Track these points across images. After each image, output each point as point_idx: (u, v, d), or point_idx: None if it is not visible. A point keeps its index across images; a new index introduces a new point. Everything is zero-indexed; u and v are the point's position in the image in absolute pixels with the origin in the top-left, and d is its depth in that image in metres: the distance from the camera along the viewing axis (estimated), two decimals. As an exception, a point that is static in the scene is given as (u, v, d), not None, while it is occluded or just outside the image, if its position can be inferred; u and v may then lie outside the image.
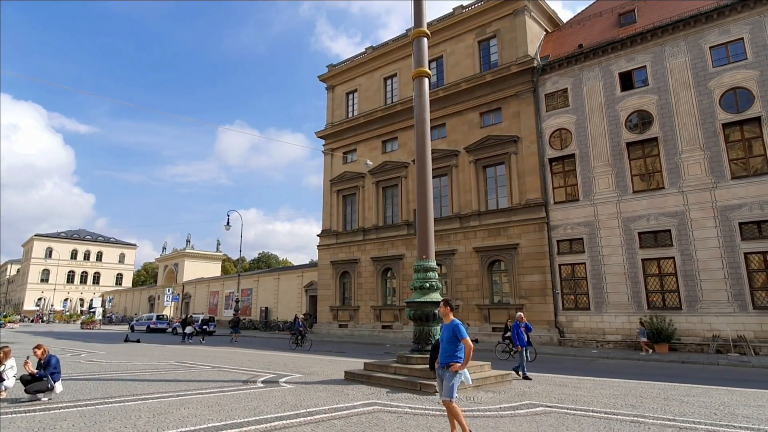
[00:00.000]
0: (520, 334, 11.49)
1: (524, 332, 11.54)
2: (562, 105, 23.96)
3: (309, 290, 39.35)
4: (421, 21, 12.41)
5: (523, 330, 11.55)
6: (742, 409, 7.41)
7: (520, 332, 11.50)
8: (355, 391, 8.93)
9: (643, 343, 18.54)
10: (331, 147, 34.53)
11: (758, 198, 18.15)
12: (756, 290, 17.88)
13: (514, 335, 11.70)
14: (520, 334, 11.47)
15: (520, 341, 11.38)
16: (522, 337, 11.43)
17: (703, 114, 19.83)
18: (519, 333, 11.51)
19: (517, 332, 11.56)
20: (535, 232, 23.45)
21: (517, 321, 11.83)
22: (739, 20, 19.65)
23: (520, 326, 11.60)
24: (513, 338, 11.78)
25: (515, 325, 11.74)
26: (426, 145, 11.62)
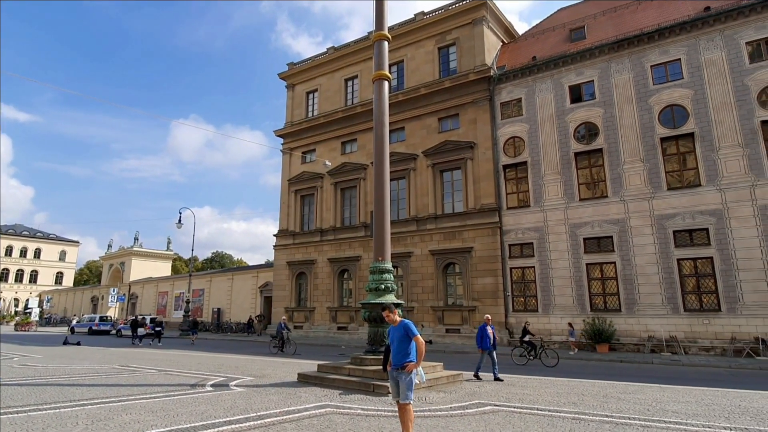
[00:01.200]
0: (485, 336, 11.44)
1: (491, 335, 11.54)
2: (516, 114, 24.86)
3: (264, 291, 38.61)
4: (382, 24, 12.52)
5: (489, 332, 11.53)
6: (672, 405, 7.94)
7: (485, 334, 11.46)
8: (307, 394, 8.88)
9: (572, 343, 19.88)
10: (290, 146, 34.10)
11: (690, 208, 19.58)
12: (687, 294, 19.28)
13: (478, 337, 11.64)
14: (485, 337, 11.43)
15: (484, 344, 11.37)
16: (486, 340, 11.42)
17: (644, 128, 21.18)
18: (484, 335, 11.46)
19: (482, 334, 11.51)
20: (488, 236, 24.17)
21: (484, 323, 11.80)
22: (677, 42, 21.15)
23: (487, 329, 11.55)
24: (477, 340, 11.72)
25: (482, 327, 11.67)
26: (384, 148, 11.74)
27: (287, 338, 20.05)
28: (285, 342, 19.89)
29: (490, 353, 11.42)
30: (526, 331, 16.15)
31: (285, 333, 20.00)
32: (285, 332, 20.04)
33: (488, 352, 11.40)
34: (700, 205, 19.41)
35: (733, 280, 18.34)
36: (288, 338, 20.10)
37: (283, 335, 19.94)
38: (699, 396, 8.93)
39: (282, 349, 19.69)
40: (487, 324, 11.70)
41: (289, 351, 19.40)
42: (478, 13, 27.08)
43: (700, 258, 19.21)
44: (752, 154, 18.85)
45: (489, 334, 11.45)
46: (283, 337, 19.92)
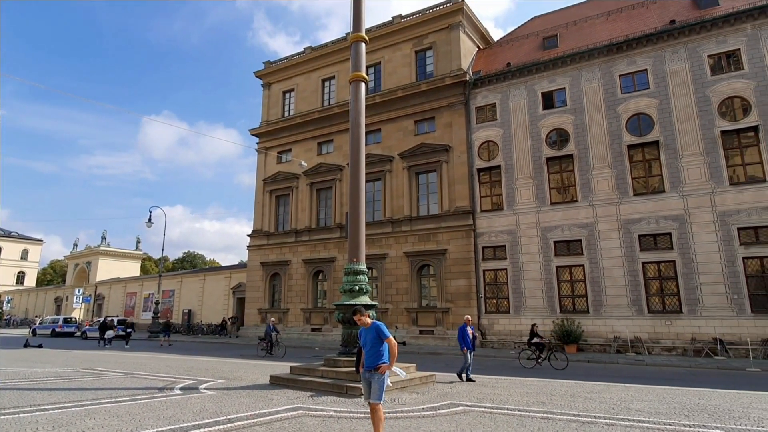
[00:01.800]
0: (465, 336, 11.43)
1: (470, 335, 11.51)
2: (490, 118, 25.29)
3: (237, 292, 38.00)
4: (359, 26, 12.56)
5: (469, 333, 11.52)
6: (635, 404, 8.21)
7: (466, 335, 11.45)
8: (279, 396, 8.81)
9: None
10: (266, 146, 33.72)
11: (655, 213, 20.34)
12: (651, 296, 20.01)
13: (459, 338, 11.62)
14: (466, 337, 11.43)
15: (466, 344, 11.38)
16: (467, 340, 11.42)
17: (612, 135, 21.89)
18: (465, 336, 11.45)
19: (462, 335, 11.50)
20: (462, 239, 24.48)
21: (464, 323, 11.79)
22: (644, 53, 21.95)
23: (467, 329, 11.53)
24: (459, 340, 11.73)
25: (462, 328, 11.66)
26: (360, 149, 11.77)
27: (276, 340, 19.37)
28: (274, 344, 19.22)
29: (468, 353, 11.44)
30: (534, 333, 15.77)
31: (274, 335, 19.37)
32: (274, 334, 19.41)
33: (470, 352, 11.42)
34: (663, 211, 20.19)
35: (694, 282, 19.15)
36: (277, 340, 19.44)
37: (272, 337, 19.27)
38: (661, 394, 9.27)
39: (270, 352, 19.01)
40: (467, 324, 11.72)
41: (279, 354, 18.69)
42: (455, 19, 27.44)
43: (663, 261, 19.97)
44: (712, 163, 19.73)
45: (469, 334, 11.47)
46: (272, 340, 19.24)
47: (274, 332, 19.41)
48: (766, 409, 7.80)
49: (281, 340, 20.24)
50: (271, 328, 19.53)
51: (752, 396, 9.25)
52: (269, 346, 19.18)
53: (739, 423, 6.74)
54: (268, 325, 19.87)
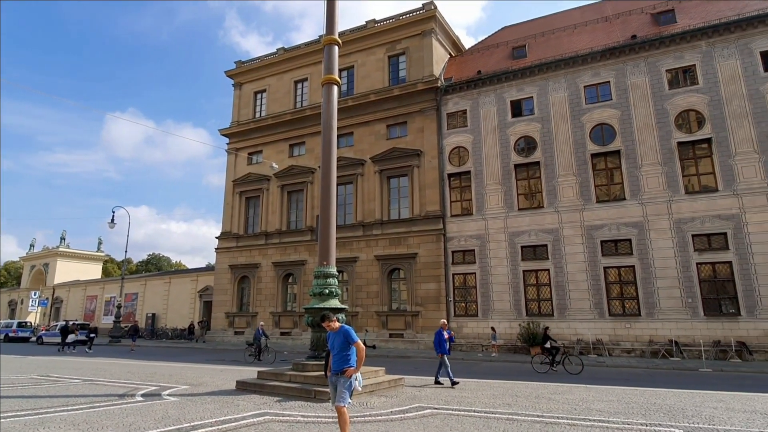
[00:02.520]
0: (442, 341, 11.33)
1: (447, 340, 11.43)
2: (461, 125, 25.74)
3: (204, 295, 37.16)
4: (332, 29, 12.59)
5: (446, 338, 11.43)
6: (596, 404, 8.47)
7: (442, 339, 11.35)
8: (246, 402, 8.66)
9: (493, 346, 21.10)
10: (236, 146, 33.17)
11: (616, 220, 21.16)
12: (612, 300, 20.77)
13: (435, 342, 11.50)
14: (442, 342, 11.32)
15: (442, 349, 11.27)
16: (444, 345, 11.32)
17: (577, 144, 22.65)
18: (441, 340, 11.35)
19: (439, 339, 11.40)
20: (432, 243, 24.75)
21: (440, 328, 11.69)
22: (607, 65, 22.85)
23: (443, 333, 11.45)
24: (435, 345, 11.56)
25: (438, 332, 11.54)
26: (332, 152, 11.77)
27: (266, 345, 18.64)
28: (263, 350, 18.47)
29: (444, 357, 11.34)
30: (547, 337, 15.35)
31: (263, 340, 18.64)
32: (263, 339, 18.69)
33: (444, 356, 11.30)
34: (624, 218, 21.03)
35: (652, 287, 20.00)
36: (267, 345, 18.72)
37: (260, 342, 18.51)
38: (620, 395, 9.60)
39: (259, 357, 18.25)
40: (443, 329, 11.64)
41: (269, 360, 17.87)
42: (428, 26, 27.82)
43: (623, 266, 20.78)
44: (669, 172, 20.70)
45: (445, 339, 11.41)
46: (260, 345, 18.47)
47: (263, 337, 18.74)
48: (717, 407, 8.20)
49: (271, 344, 19.61)
50: (261, 333, 18.87)
51: (704, 395, 9.71)
52: (258, 351, 18.47)
53: (692, 421, 7.06)
54: (257, 329, 19.23)
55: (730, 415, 7.55)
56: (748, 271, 18.67)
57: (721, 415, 7.54)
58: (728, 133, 20.07)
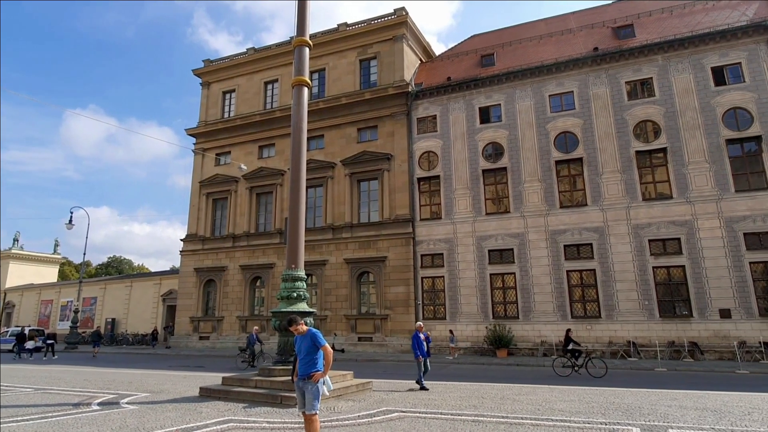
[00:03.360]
0: (420, 344, 11.18)
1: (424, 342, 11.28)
2: (431, 130, 26.06)
3: (167, 299, 36.02)
4: (303, 30, 12.54)
5: (423, 340, 11.28)
6: (559, 404, 8.70)
7: (420, 342, 11.20)
8: (209, 409, 8.46)
9: (452, 348, 21.39)
10: (203, 147, 32.43)
11: (578, 225, 21.89)
12: (574, 302, 21.44)
13: (414, 345, 11.32)
14: (420, 344, 11.17)
15: (420, 352, 11.13)
16: (422, 348, 11.18)
17: (542, 151, 23.33)
18: (419, 343, 11.20)
19: (417, 342, 11.23)
20: (402, 246, 24.91)
21: (417, 331, 11.53)
22: (571, 76, 23.67)
23: (420, 336, 11.30)
24: (413, 348, 11.39)
25: (415, 335, 11.38)
26: (301, 154, 11.69)
27: (261, 351, 17.84)
28: (257, 356, 17.66)
29: (425, 361, 11.25)
30: (569, 339, 15.03)
31: (259, 346, 17.83)
32: (258, 345, 17.88)
33: (424, 359, 11.20)
34: (586, 223, 21.78)
35: (611, 290, 20.78)
36: (261, 351, 17.87)
37: (254, 349, 17.68)
38: (581, 395, 9.90)
39: (253, 364, 17.35)
40: (419, 331, 11.49)
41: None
42: (399, 31, 28.08)
43: (585, 270, 21.51)
44: (628, 180, 21.60)
45: (423, 341, 11.28)
46: (254, 351, 17.65)
47: (257, 342, 17.94)
48: (671, 405, 8.59)
49: (266, 350, 18.74)
50: (255, 338, 17.99)
51: (659, 394, 10.14)
52: (252, 357, 17.60)
53: (648, 419, 7.36)
54: (251, 335, 18.21)
55: (683, 412, 7.92)
56: (700, 274, 19.68)
57: (674, 413, 7.90)
58: (682, 143, 21.14)
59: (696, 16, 23.49)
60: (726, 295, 19.15)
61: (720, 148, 20.53)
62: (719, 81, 21.29)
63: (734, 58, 21.21)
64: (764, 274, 19.08)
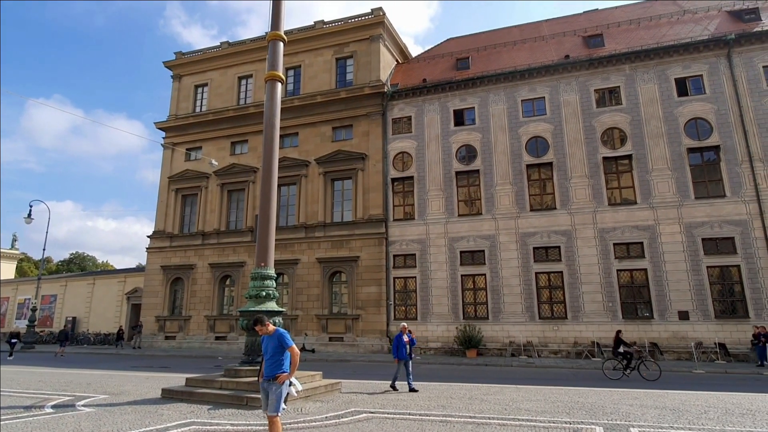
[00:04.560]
0: (400, 345, 10.94)
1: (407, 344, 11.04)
2: (406, 131, 26.16)
3: (132, 298, 34.89)
4: (278, 25, 12.41)
5: (406, 342, 11.04)
6: (525, 404, 8.87)
7: (402, 344, 10.95)
8: (171, 411, 8.20)
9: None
10: (173, 141, 31.58)
11: (547, 228, 22.38)
12: (542, 303, 21.90)
13: (394, 347, 11.10)
14: (401, 346, 10.93)
15: (400, 353, 10.89)
16: (402, 349, 10.93)
17: (513, 155, 23.75)
18: (400, 344, 10.95)
19: (398, 344, 10.98)
20: (374, 246, 24.88)
21: (400, 332, 11.22)
22: (542, 82, 24.18)
23: (403, 337, 11.04)
24: (393, 349, 11.16)
25: (398, 336, 11.12)
26: (273, 150, 11.51)
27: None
28: None
29: (406, 363, 10.96)
30: (620, 341, 14.46)
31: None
32: None
33: (404, 362, 10.95)
34: (554, 226, 22.29)
35: (577, 291, 21.33)
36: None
37: None
38: (547, 394, 10.11)
39: None
40: (402, 333, 11.18)
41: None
42: (376, 31, 28.06)
43: (552, 272, 22.00)
44: (595, 185, 22.23)
45: (405, 343, 11.00)
46: None
47: None
48: (632, 404, 8.87)
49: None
50: None
51: (621, 393, 10.47)
52: None
53: (610, 418, 7.58)
54: None
55: (644, 411, 8.19)
56: (661, 277, 20.42)
57: (636, 411, 8.16)
58: (646, 150, 21.90)
59: (662, 29, 24.38)
60: (684, 298, 19.94)
61: (681, 157, 21.37)
62: (682, 92, 22.16)
63: (696, 70, 22.12)
64: (720, 278, 19.97)
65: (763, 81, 21.11)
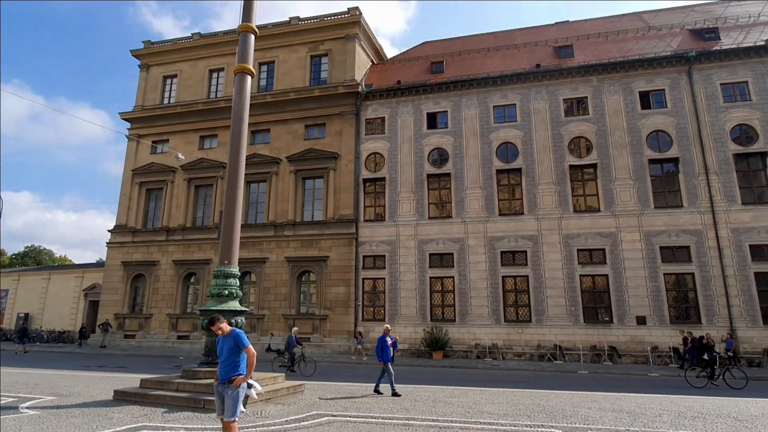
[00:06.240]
0: (385, 348, 10.65)
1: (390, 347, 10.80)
2: (379, 131, 26.13)
3: (90, 294, 33.49)
4: (249, 16, 12.15)
5: (389, 344, 10.79)
6: (488, 407, 8.93)
7: (385, 346, 10.67)
8: (122, 414, 7.84)
9: (359, 350, 21.82)
10: (139, 132, 30.51)
11: (514, 233, 22.78)
12: (507, 306, 22.27)
13: (378, 349, 10.74)
14: (385, 348, 10.64)
15: (384, 356, 10.60)
16: (387, 352, 10.66)
17: (484, 159, 24.08)
18: (384, 347, 10.66)
19: (382, 345, 10.68)
20: (344, 247, 24.73)
21: (383, 334, 10.97)
22: (514, 89, 24.62)
23: (387, 339, 10.76)
24: (377, 352, 10.78)
25: (381, 338, 10.83)
26: (241, 145, 11.22)
27: (302, 354, 16.01)
28: (296, 359, 15.78)
29: (386, 365, 10.70)
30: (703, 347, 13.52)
31: (299, 348, 15.99)
32: (299, 347, 15.98)
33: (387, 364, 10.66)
34: (522, 231, 22.72)
35: (542, 295, 21.79)
36: (303, 355, 16.03)
37: (294, 352, 15.78)
38: (509, 397, 10.23)
39: (292, 369, 15.47)
40: (386, 335, 10.92)
41: (306, 372, 15.03)
42: (352, 30, 27.93)
43: (519, 276, 22.41)
44: (562, 192, 22.78)
45: (389, 346, 10.75)
46: (293, 354, 15.79)
47: (298, 345, 15.99)
48: (591, 407, 9.07)
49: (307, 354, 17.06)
50: (294, 340, 15.96)
51: (581, 396, 10.70)
52: (291, 361, 15.78)
53: (569, 421, 7.71)
54: (290, 336, 16.13)
55: (602, 414, 8.38)
56: (621, 283, 21.11)
57: (594, 414, 8.34)
58: (610, 160, 22.61)
59: (628, 43, 25.25)
60: (642, 303, 20.68)
61: (643, 167, 22.16)
62: (645, 105, 23.00)
63: (659, 84, 23.01)
64: (675, 284, 20.81)
65: (720, 97, 22.15)
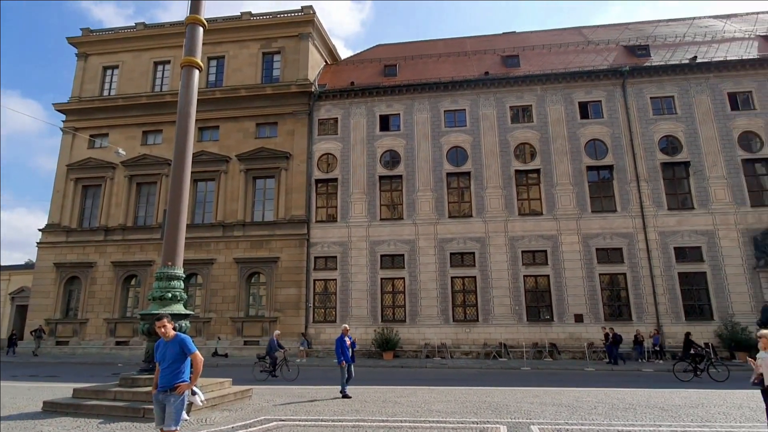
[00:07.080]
0: (344, 348, 10.55)
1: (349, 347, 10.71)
2: (332, 132, 26.06)
3: (17, 298, 31.05)
4: (198, 8, 11.84)
5: (348, 345, 10.70)
6: (437, 405, 9.17)
7: (344, 347, 10.57)
8: (53, 427, 7.38)
9: (300, 352, 21.60)
10: (75, 125, 28.61)
11: (463, 235, 23.47)
12: (456, 307, 22.90)
13: (337, 350, 10.61)
14: (345, 349, 10.54)
15: (345, 357, 10.50)
16: (346, 353, 10.57)
17: (435, 162, 24.63)
18: (343, 347, 10.56)
19: (341, 346, 10.57)
20: (295, 248, 24.45)
21: (342, 334, 10.80)
22: (464, 95, 25.37)
23: (345, 340, 10.65)
24: (336, 353, 10.66)
25: (339, 339, 10.68)
26: (187, 141, 10.87)
27: (284, 359, 15.41)
28: (278, 364, 15.26)
29: (349, 367, 10.63)
30: (690, 343, 14.54)
31: (281, 352, 15.41)
32: (281, 351, 15.41)
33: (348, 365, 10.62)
34: (470, 233, 23.44)
35: (489, 295, 22.59)
36: (285, 359, 15.44)
37: (276, 356, 15.24)
38: (457, 395, 10.54)
39: (274, 374, 15.08)
40: (344, 335, 10.82)
41: (290, 376, 14.66)
42: (305, 29, 27.66)
43: (467, 277, 23.10)
44: (508, 195, 23.73)
45: (348, 346, 10.69)
46: (275, 358, 15.26)
47: (280, 349, 15.44)
48: (533, 402, 9.55)
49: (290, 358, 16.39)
50: (276, 343, 15.43)
51: (524, 392, 11.23)
52: (272, 366, 15.30)
53: (514, 417, 8.08)
54: (272, 339, 15.61)
55: (543, 408, 8.85)
56: (561, 283, 22.28)
57: (536, 409, 8.80)
58: (552, 166, 23.81)
59: (569, 56, 26.70)
60: (580, 302, 21.94)
61: (581, 173, 23.51)
62: (584, 114, 24.42)
63: (597, 96, 24.51)
64: (609, 284, 22.26)
65: (650, 110, 23.92)
